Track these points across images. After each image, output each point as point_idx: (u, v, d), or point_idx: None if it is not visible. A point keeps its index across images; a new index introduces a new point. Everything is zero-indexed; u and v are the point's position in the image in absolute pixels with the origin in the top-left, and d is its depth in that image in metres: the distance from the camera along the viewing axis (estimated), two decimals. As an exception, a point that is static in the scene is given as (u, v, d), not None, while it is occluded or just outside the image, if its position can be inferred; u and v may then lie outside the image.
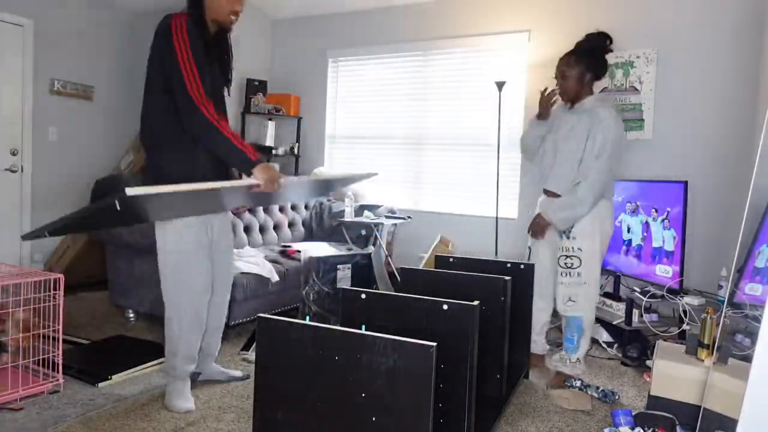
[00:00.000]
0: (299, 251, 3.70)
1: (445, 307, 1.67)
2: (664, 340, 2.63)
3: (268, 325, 1.43)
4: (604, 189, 2.55)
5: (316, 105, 5.08)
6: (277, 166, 2.45)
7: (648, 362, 2.86)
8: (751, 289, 2.69)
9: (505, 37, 4.23)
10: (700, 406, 1.95)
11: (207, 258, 2.25)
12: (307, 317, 2.92)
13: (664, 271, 3.11)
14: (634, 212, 3.37)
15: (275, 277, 3.30)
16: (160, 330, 3.39)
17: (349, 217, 4.11)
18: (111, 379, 2.49)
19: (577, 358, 2.65)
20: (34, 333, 2.35)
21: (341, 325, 1.45)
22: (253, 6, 5.01)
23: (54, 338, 2.37)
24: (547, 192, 2.73)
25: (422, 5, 4.56)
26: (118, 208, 1.54)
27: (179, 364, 2.25)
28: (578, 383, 2.62)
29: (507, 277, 2.25)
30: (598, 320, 3.36)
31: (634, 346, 3.05)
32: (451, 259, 2.69)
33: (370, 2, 4.67)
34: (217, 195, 2.00)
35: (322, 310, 3.22)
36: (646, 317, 3.01)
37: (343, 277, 3.38)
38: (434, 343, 1.28)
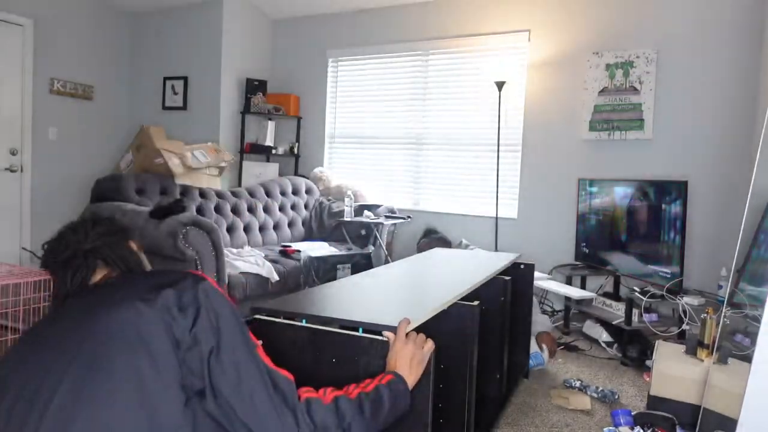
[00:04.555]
0: (299, 251, 3.70)
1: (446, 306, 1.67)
2: (664, 340, 2.63)
3: (266, 325, 1.43)
4: None
5: (316, 105, 5.08)
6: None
7: (648, 362, 2.85)
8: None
9: (505, 37, 4.22)
10: (699, 406, 1.95)
11: None
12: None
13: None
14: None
15: (275, 277, 3.30)
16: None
17: (349, 217, 4.10)
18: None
19: None
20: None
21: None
22: (253, 6, 5.01)
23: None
24: None
25: (422, 5, 4.55)
26: None
27: None
28: (578, 383, 2.62)
29: (507, 277, 2.25)
30: (598, 320, 3.36)
31: (633, 346, 3.05)
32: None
33: (370, 2, 4.67)
34: None
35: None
36: (646, 317, 3.00)
37: (343, 276, 3.38)
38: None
